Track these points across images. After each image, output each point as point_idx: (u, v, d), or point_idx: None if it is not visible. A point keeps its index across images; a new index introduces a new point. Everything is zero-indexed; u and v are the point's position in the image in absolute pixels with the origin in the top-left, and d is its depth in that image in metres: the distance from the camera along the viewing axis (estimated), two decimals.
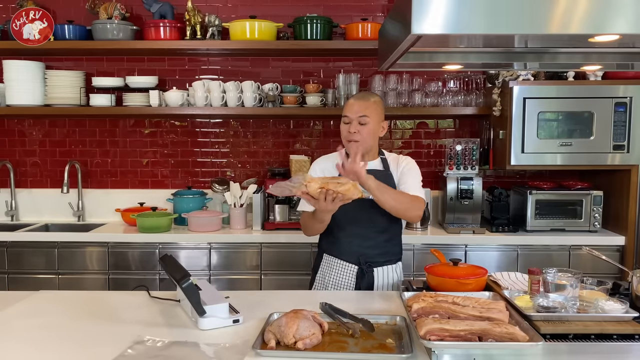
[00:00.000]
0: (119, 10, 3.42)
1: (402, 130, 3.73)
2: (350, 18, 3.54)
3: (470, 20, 1.41)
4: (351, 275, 2.21)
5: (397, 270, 2.28)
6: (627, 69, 2.15)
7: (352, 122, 2.17)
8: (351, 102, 2.22)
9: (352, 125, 2.17)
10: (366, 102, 2.19)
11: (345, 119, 2.20)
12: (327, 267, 2.28)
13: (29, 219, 3.72)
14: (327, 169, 2.26)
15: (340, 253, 2.24)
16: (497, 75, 3.22)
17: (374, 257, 2.21)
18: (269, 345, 1.49)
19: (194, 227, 3.28)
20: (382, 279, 2.22)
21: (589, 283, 1.70)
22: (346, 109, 2.21)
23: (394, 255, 2.28)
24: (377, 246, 2.22)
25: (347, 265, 2.22)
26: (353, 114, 2.17)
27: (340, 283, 2.22)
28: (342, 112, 2.22)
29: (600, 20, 1.41)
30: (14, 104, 3.45)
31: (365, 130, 2.16)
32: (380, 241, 2.22)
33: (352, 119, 2.17)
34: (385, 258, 2.24)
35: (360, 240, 2.21)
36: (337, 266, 2.25)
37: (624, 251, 3.13)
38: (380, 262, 2.22)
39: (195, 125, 3.75)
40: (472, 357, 1.42)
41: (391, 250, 2.27)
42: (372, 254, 2.21)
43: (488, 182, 3.65)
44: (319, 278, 2.31)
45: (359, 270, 2.20)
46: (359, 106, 2.18)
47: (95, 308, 1.88)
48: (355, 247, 2.21)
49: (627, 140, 3.10)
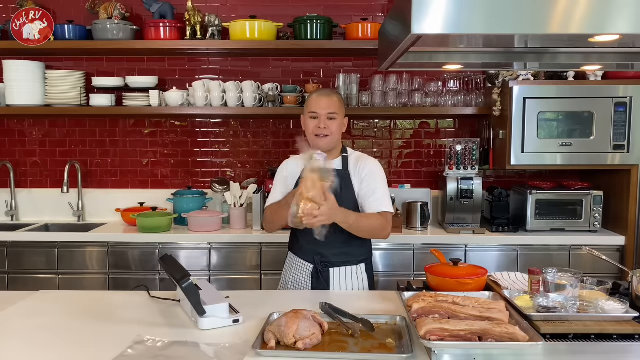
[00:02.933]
0: (119, 10, 3.42)
1: (402, 130, 3.73)
2: (350, 18, 3.54)
3: (470, 20, 1.41)
4: (306, 273, 2.22)
5: (357, 272, 2.24)
6: (627, 69, 2.15)
7: (321, 117, 2.18)
8: (316, 97, 2.22)
9: (321, 121, 2.18)
10: (331, 98, 2.21)
11: (313, 114, 2.20)
12: (288, 265, 2.33)
13: (29, 219, 3.72)
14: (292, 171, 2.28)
15: (299, 251, 2.27)
16: (497, 75, 3.22)
17: (330, 257, 2.20)
18: (269, 345, 1.49)
19: (194, 227, 3.28)
20: (340, 280, 2.21)
21: (589, 283, 1.70)
22: (312, 104, 2.21)
23: (356, 257, 2.24)
24: (333, 246, 2.18)
25: (303, 263, 2.24)
26: (321, 109, 2.18)
27: (296, 281, 2.25)
28: (308, 109, 2.22)
29: (600, 20, 1.41)
30: (14, 104, 3.45)
31: (334, 125, 2.19)
32: (338, 241, 2.17)
33: (321, 115, 2.18)
34: (344, 259, 2.21)
35: (316, 240, 2.07)
36: (295, 264, 2.27)
37: (624, 251, 3.12)
38: (337, 262, 2.21)
39: (195, 125, 3.75)
40: (472, 357, 1.42)
41: (352, 252, 2.23)
42: (327, 253, 2.19)
43: (488, 182, 3.65)
44: (282, 276, 2.36)
45: (314, 270, 2.20)
46: (326, 102, 2.19)
47: (95, 308, 1.88)
48: (311, 246, 2.19)
49: (627, 140, 3.10)
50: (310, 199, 1.91)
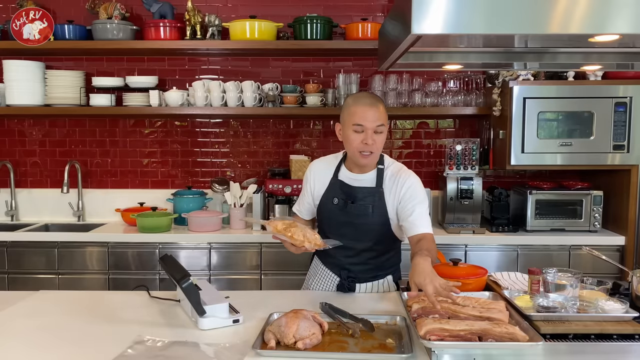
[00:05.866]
0: (119, 10, 3.42)
1: (402, 130, 3.73)
2: (350, 18, 3.54)
3: (470, 20, 1.41)
4: (332, 285, 2.14)
5: (384, 284, 2.14)
6: (627, 69, 2.15)
7: (367, 131, 1.95)
8: (363, 108, 1.96)
9: (368, 136, 1.94)
10: (378, 108, 1.97)
11: (358, 127, 1.95)
12: (313, 270, 2.25)
13: (29, 219, 3.72)
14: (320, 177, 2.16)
15: (326, 260, 2.17)
16: (497, 75, 3.22)
17: (358, 273, 2.10)
18: (269, 345, 1.49)
19: (194, 227, 3.28)
20: (365, 291, 2.12)
21: (589, 283, 1.70)
22: (358, 116, 1.95)
23: (385, 270, 2.14)
24: (362, 263, 2.09)
25: (329, 273, 2.16)
26: (369, 122, 1.94)
27: (321, 290, 2.17)
28: (351, 119, 1.97)
29: (600, 20, 1.41)
30: (14, 104, 3.45)
31: (380, 139, 1.98)
32: (367, 258, 2.09)
33: (368, 129, 1.95)
34: (373, 274, 2.12)
35: (345, 255, 2.08)
36: (320, 272, 2.19)
37: (624, 251, 3.12)
38: (366, 278, 2.11)
39: (195, 125, 3.75)
40: (472, 357, 1.42)
41: (382, 265, 2.13)
42: (355, 270, 2.10)
43: (488, 182, 3.65)
44: (306, 279, 2.30)
45: (339, 283, 2.11)
46: (374, 115, 1.95)
47: (95, 308, 1.88)
48: (339, 260, 2.11)
49: (627, 140, 3.10)
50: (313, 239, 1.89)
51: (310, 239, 1.87)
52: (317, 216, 2.20)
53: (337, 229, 2.09)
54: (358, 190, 2.06)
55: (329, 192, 2.12)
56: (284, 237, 1.87)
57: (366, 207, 2.03)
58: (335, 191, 2.10)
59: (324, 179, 2.14)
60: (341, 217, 2.07)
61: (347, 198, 2.06)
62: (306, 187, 2.20)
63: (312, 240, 1.87)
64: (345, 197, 2.07)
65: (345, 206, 2.06)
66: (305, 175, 2.23)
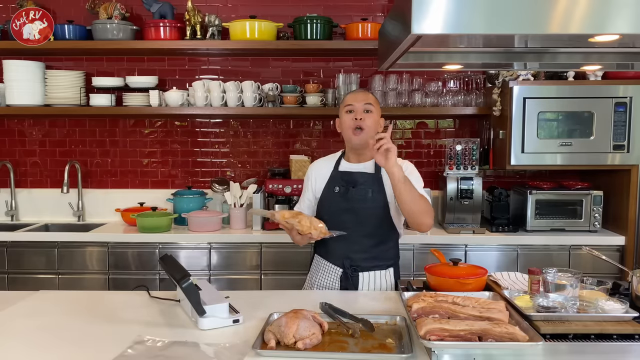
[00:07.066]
0: (119, 10, 3.42)
1: (402, 130, 3.73)
2: (350, 18, 3.54)
3: (470, 20, 1.41)
4: (335, 277, 2.19)
5: (386, 276, 2.20)
6: (627, 69, 2.15)
7: (357, 110, 2.15)
8: (353, 94, 2.21)
9: (357, 113, 2.14)
10: (367, 94, 2.21)
11: (349, 107, 2.17)
12: (315, 267, 2.29)
13: (29, 219, 3.72)
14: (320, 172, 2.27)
15: (327, 254, 2.23)
16: (497, 75, 3.22)
17: (360, 261, 2.16)
18: (269, 345, 1.49)
19: (194, 227, 3.28)
20: (369, 284, 2.17)
21: (589, 283, 1.70)
22: (348, 99, 2.20)
23: (385, 261, 2.20)
24: (363, 250, 2.16)
25: (332, 267, 2.20)
26: (358, 102, 2.16)
27: (325, 284, 2.21)
28: (344, 106, 2.19)
29: (600, 20, 1.41)
30: (14, 104, 3.45)
31: (370, 119, 2.15)
32: (368, 246, 2.16)
33: (357, 107, 2.15)
34: (373, 263, 2.17)
35: (346, 244, 2.14)
36: (323, 267, 2.24)
37: (624, 251, 3.12)
38: (367, 267, 2.17)
39: (195, 125, 3.75)
40: (472, 357, 1.42)
41: (381, 256, 2.19)
42: (357, 258, 2.16)
43: (488, 182, 3.65)
44: (308, 278, 2.33)
45: (343, 274, 2.17)
46: (362, 96, 2.18)
47: (95, 308, 1.88)
48: (340, 250, 2.17)
49: (627, 140, 3.10)
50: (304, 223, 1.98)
51: (317, 227, 1.97)
52: (318, 208, 2.27)
53: (338, 216, 2.16)
54: (359, 175, 2.19)
55: (330, 184, 2.23)
56: (293, 222, 1.98)
57: (366, 192, 2.15)
58: (337, 181, 2.23)
59: (325, 174, 2.27)
60: (342, 203, 2.17)
61: (348, 184, 2.18)
62: (307, 185, 2.32)
63: (318, 228, 1.97)
64: (346, 184, 2.19)
65: (346, 192, 2.18)
66: (306, 174, 2.37)
